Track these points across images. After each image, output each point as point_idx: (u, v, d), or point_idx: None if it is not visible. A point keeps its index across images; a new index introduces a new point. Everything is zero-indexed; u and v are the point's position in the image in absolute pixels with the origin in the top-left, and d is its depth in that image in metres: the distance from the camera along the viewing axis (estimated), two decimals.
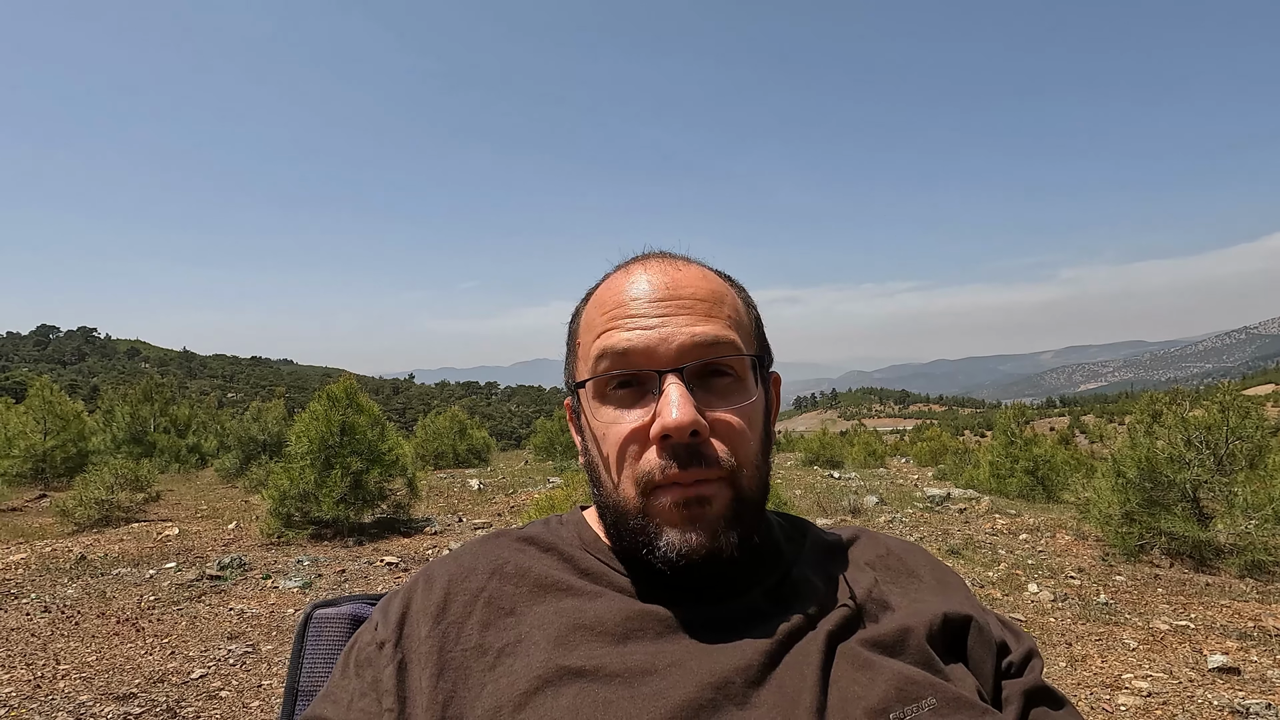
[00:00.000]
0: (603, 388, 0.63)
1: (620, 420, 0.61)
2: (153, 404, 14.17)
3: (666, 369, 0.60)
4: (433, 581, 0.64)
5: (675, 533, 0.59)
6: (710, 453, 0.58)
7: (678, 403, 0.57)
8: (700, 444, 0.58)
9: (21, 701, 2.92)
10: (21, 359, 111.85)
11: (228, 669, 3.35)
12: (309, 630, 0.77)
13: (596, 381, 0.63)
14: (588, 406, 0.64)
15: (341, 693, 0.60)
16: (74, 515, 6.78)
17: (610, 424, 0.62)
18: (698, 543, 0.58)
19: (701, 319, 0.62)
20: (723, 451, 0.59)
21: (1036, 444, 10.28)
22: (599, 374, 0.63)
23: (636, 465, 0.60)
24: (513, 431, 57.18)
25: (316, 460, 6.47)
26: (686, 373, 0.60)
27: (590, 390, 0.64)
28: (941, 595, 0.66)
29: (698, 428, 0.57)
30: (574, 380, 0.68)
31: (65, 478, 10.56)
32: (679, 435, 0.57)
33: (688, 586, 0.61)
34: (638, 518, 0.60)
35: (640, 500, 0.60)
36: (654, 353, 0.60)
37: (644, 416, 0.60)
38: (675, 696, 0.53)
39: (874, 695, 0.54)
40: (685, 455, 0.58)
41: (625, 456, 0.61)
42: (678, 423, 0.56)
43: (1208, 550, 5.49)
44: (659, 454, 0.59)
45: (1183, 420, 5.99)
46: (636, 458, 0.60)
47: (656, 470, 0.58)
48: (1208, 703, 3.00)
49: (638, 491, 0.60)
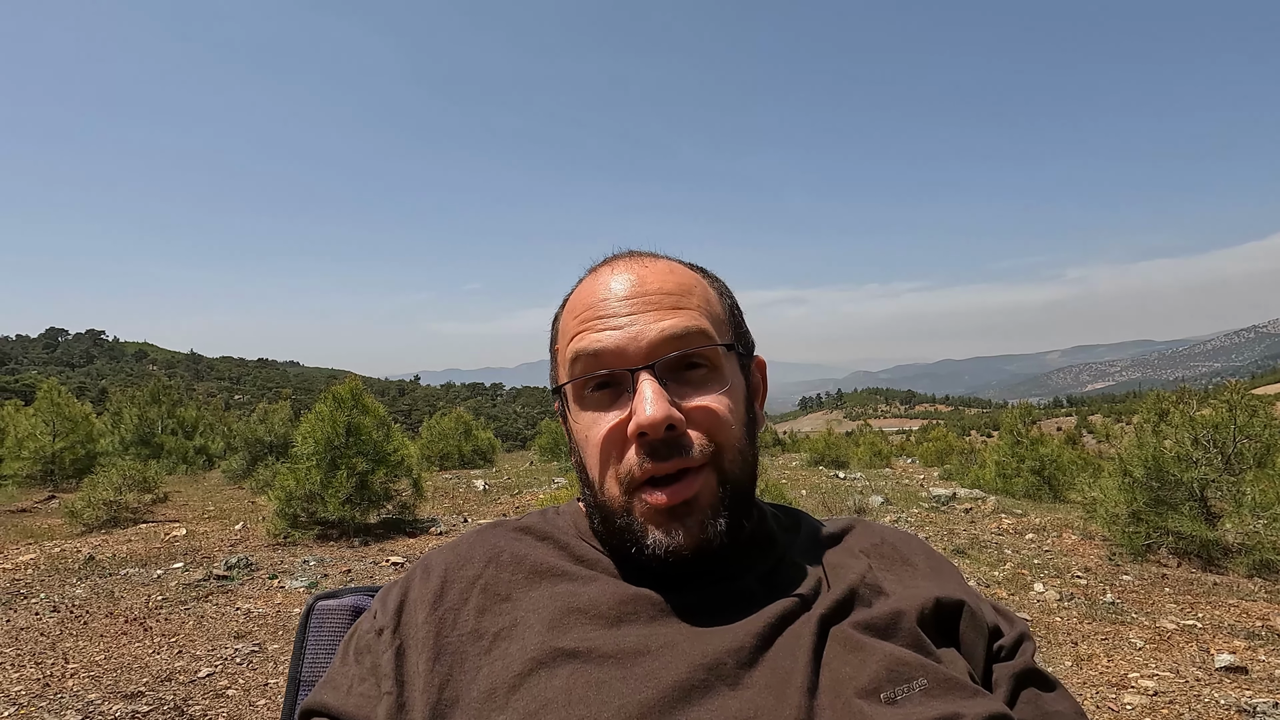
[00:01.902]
0: (580, 390, 0.64)
1: (599, 421, 0.62)
2: (160, 406, 14.25)
3: (639, 366, 0.60)
4: (430, 570, 0.66)
5: (660, 532, 0.60)
6: (689, 443, 0.59)
7: (651, 399, 0.58)
8: (678, 436, 0.59)
9: (31, 700, 2.94)
10: (31, 361, 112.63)
11: (234, 668, 3.36)
12: (311, 621, 0.77)
13: (574, 385, 0.64)
14: (568, 410, 0.66)
15: (341, 679, 0.61)
16: (82, 516, 6.82)
17: (590, 426, 0.63)
18: (684, 540, 0.59)
19: (669, 312, 0.62)
20: (701, 440, 0.60)
21: (1043, 444, 10.22)
22: (575, 377, 0.64)
23: (619, 465, 0.61)
24: (518, 432, 57.25)
25: (322, 461, 6.50)
26: (659, 367, 0.60)
27: (570, 394, 0.65)
28: (935, 581, 0.67)
29: (673, 421, 0.58)
30: (555, 385, 0.69)
31: (74, 479, 10.65)
32: (654, 432, 0.58)
33: (679, 575, 0.62)
34: (623, 516, 0.61)
35: (625, 499, 0.61)
36: (625, 351, 0.61)
37: (621, 416, 0.61)
38: (667, 677, 0.54)
39: (865, 676, 0.55)
40: (664, 450, 0.59)
41: (607, 456, 0.62)
42: (651, 419, 0.57)
43: (1215, 550, 5.46)
44: (638, 451, 0.60)
45: (1190, 419, 5.95)
46: (618, 457, 0.61)
47: (636, 467, 0.59)
48: (1215, 702, 2.99)
49: (621, 490, 0.61)
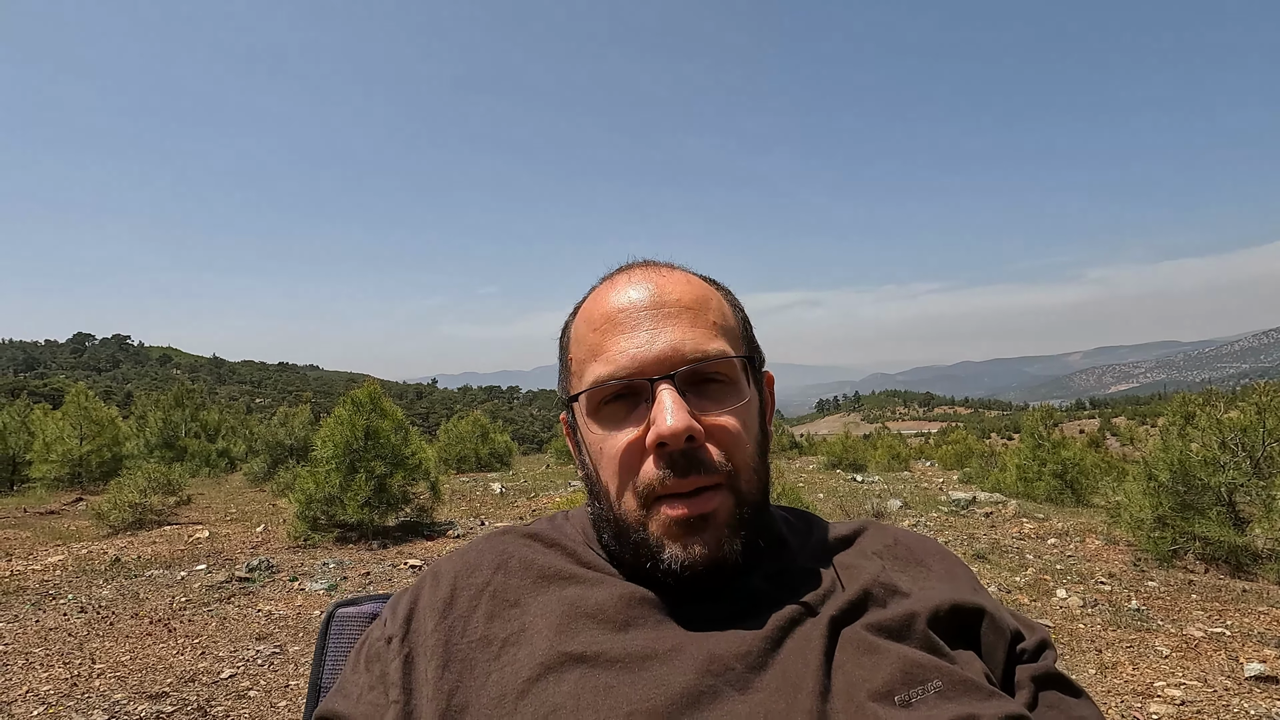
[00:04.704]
0: (596, 402, 0.63)
1: (615, 433, 0.61)
2: (184, 410, 14.51)
3: (657, 377, 0.60)
4: (439, 578, 0.66)
5: (678, 546, 0.59)
6: (707, 458, 0.59)
7: (671, 409, 0.57)
8: (697, 449, 0.58)
9: (59, 699, 3.01)
10: (59, 366, 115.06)
11: (256, 669, 3.41)
12: (331, 628, 0.79)
13: (589, 396, 0.63)
14: (582, 421, 0.65)
15: (352, 686, 0.62)
16: (109, 518, 6.95)
17: (606, 438, 0.62)
18: (701, 555, 0.59)
19: (688, 326, 0.62)
20: (719, 456, 0.59)
21: (1065, 447, 10.06)
22: (590, 387, 0.62)
23: (636, 478, 0.60)
24: (534, 435, 57.48)
25: (342, 464, 6.57)
26: (678, 379, 0.60)
27: (584, 405, 0.64)
28: (950, 583, 0.66)
29: (693, 433, 0.58)
30: (567, 395, 0.68)
31: (100, 482, 10.88)
32: (675, 442, 0.57)
33: (699, 588, 0.61)
34: (639, 531, 0.60)
35: (642, 513, 0.60)
36: (645, 362, 0.60)
37: (639, 428, 0.60)
38: (676, 682, 0.53)
39: (879, 678, 0.54)
40: (683, 463, 0.58)
41: (624, 469, 0.61)
42: (673, 429, 0.57)
43: (1244, 555, 5.34)
44: (657, 464, 0.59)
45: (1217, 421, 5.83)
46: (635, 470, 0.60)
47: (656, 481, 0.59)
48: (1244, 712, 2.92)
49: (639, 504, 0.60)
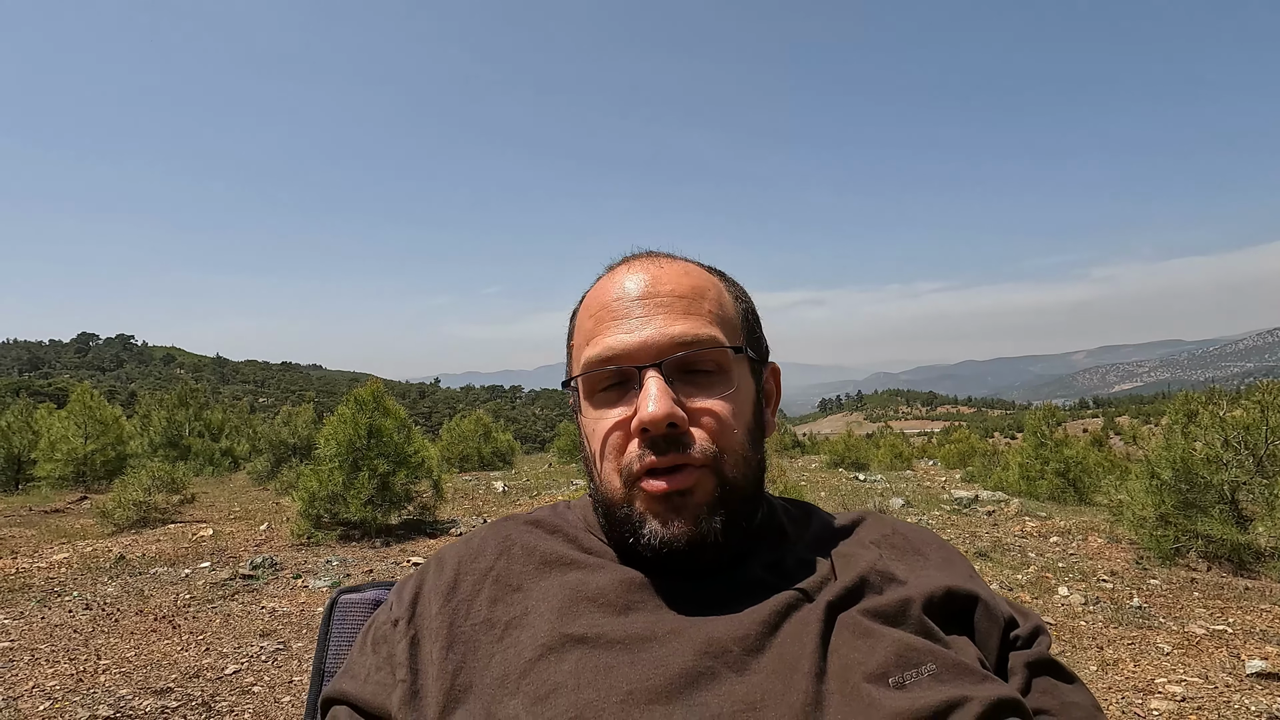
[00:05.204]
0: (591, 386, 0.66)
1: (605, 416, 0.64)
2: (187, 409, 14.56)
3: (646, 365, 0.62)
4: (444, 563, 0.68)
5: (657, 523, 0.61)
6: (690, 441, 0.61)
7: (655, 396, 0.60)
8: (679, 434, 0.61)
9: (65, 695, 3.03)
10: (63, 365, 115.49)
11: (260, 665, 3.43)
12: (335, 614, 0.80)
13: (585, 380, 0.67)
14: (578, 404, 0.68)
15: (359, 668, 0.64)
16: (113, 516, 6.98)
17: (597, 420, 0.65)
18: (679, 531, 0.61)
19: (680, 315, 0.64)
20: (703, 440, 0.62)
21: (1068, 445, 10.05)
22: (582, 372, 0.66)
23: (620, 458, 0.63)
24: (537, 434, 57.56)
25: (345, 463, 6.59)
26: (666, 367, 0.62)
27: (580, 388, 0.68)
28: (946, 571, 0.68)
29: (674, 419, 0.60)
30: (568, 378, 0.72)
31: (105, 480, 10.94)
32: (656, 428, 0.60)
33: (684, 568, 0.64)
34: (623, 508, 0.63)
35: (625, 491, 0.63)
36: (635, 351, 0.63)
37: (626, 412, 0.63)
38: (675, 663, 0.55)
39: (874, 661, 0.56)
40: (664, 445, 0.61)
41: (610, 450, 0.64)
42: (653, 416, 0.59)
43: (1247, 554, 5.33)
44: (639, 446, 0.62)
45: (1220, 420, 5.82)
46: (620, 450, 0.63)
47: (636, 460, 0.62)
48: (1245, 708, 2.92)
49: (622, 482, 0.63)
